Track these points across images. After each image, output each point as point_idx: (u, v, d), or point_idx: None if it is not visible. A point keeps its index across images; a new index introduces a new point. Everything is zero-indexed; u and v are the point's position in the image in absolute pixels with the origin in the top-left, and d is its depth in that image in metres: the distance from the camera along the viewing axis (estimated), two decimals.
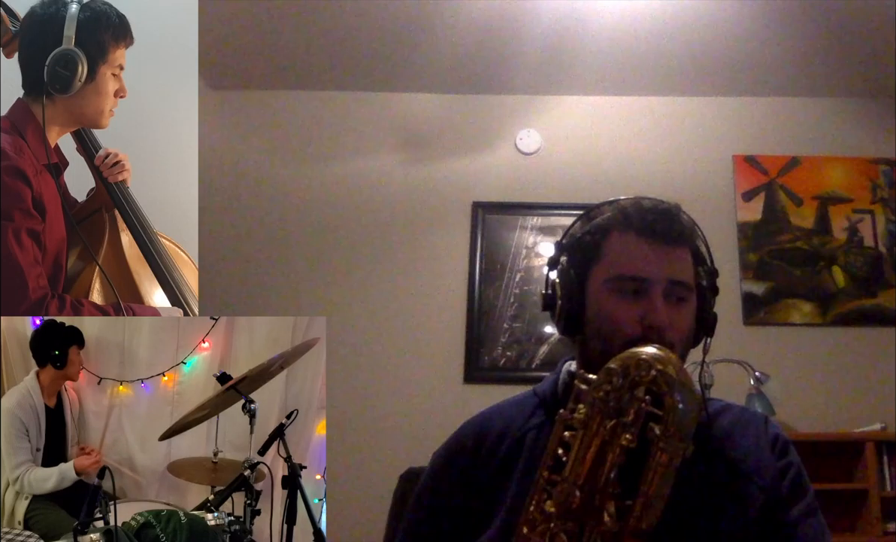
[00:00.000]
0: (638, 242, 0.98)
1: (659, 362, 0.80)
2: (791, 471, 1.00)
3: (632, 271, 0.97)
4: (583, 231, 1.04)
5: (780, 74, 3.29)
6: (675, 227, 1.00)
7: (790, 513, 0.97)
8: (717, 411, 1.06)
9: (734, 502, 0.95)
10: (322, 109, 3.57)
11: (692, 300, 1.00)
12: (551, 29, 2.99)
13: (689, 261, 1.00)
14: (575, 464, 0.81)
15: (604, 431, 0.80)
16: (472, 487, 1.02)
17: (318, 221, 3.43)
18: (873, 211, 3.29)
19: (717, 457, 0.99)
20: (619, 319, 0.95)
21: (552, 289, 1.04)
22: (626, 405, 0.80)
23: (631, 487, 0.80)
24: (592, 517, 0.80)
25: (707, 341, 1.02)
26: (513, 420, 1.07)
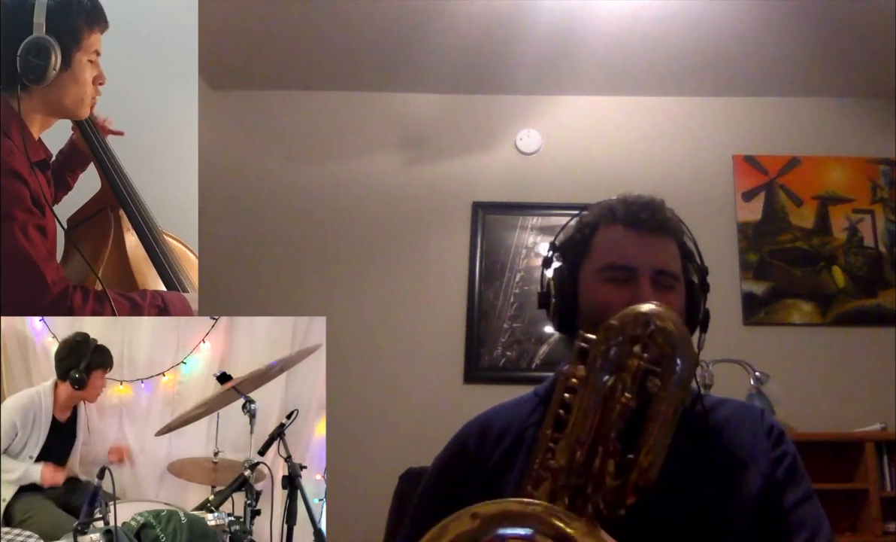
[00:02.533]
0: (625, 233, 1.04)
1: (657, 318, 0.82)
2: (787, 459, 1.03)
3: (619, 259, 1.02)
4: (574, 229, 1.11)
5: (780, 74, 3.29)
6: (659, 217, 1.05)
7: (786, 499, 0.99)
8: (713, 404, 1.08)
9: (733, 487, 0.97)
10: (322, 109, 3.57)
11: (680, 289, 1.04)
12: (551, 29, 2.99)
13: (674, 251, 1.05)
14: (576, 421, 0.82)
15: (604, 388, 0.81)
16: (474, 485, 1.03)
17: (318, 220, 3.43)
18: (873, 211, 3.30)
19: (715, 446, 1.01)
20: (609, 305, 0.97)
21: (547, 287, 1.09)
22: (625, 360, 0.82)
23: (631, 447, 0.81)
24: (594, 476, 0.81)
25: (701, 337, 1.05)
26: (513, 419, 1.09)
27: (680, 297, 1.03)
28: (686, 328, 0.85)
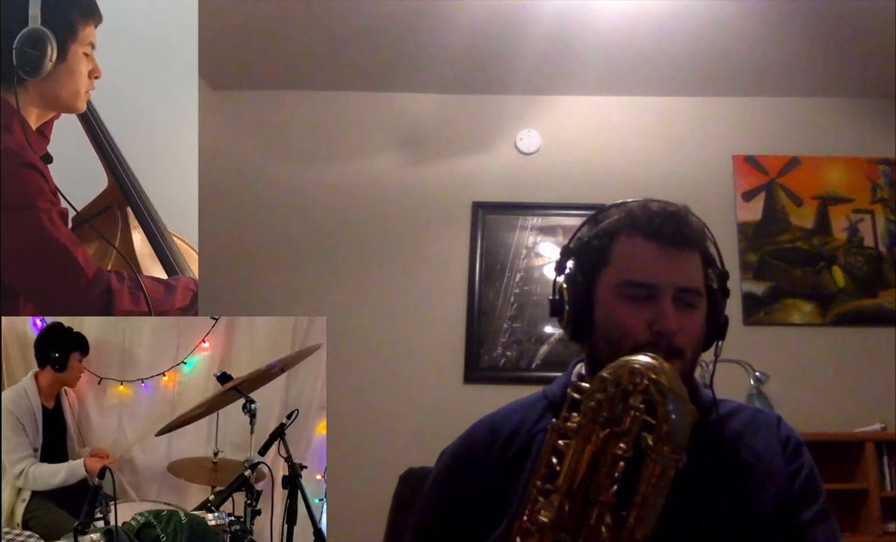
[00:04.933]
0: (646, 247, 0.97)
1: (652, 371, 0.78)
2: (803, 473, 0.99)
3: (640, 276, 0.96)
4: (590, 235, 1.02)
5: (780, 74, 3.29)
6: (685, 230, 0.98)
7: (802, 517, 0.96)
8: (728, 412, 1.04)
9: (744, 508, 0.94)
10: (322, 109, 3.57)
11: (702, 305, 0.98)
12: (551, 29, 2.99)
13: (698, 265, 0.99)
14: (568, 473, 0.80)
15: (597, 440, 0.79)
16: (481, 488, 1.02)
17: (318, 220, 3.43)
18: (873, 211, 3.29)
19: (728, 462, 0.98)
20: (628, 325, 0.94)
21: (559, 294, 1.03)
22: (619, 414, 0.79)
23: (630, 495, 0.79)
24: (587, 528, 0.78)
25: (718, 343, 1.02)
26: (523, 422, 1.06)
27: (701, 315, 0.98)
28: (682, 384, 0.80)
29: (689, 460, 0.79)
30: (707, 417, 1.01)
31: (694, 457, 0.82)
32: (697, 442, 0.80)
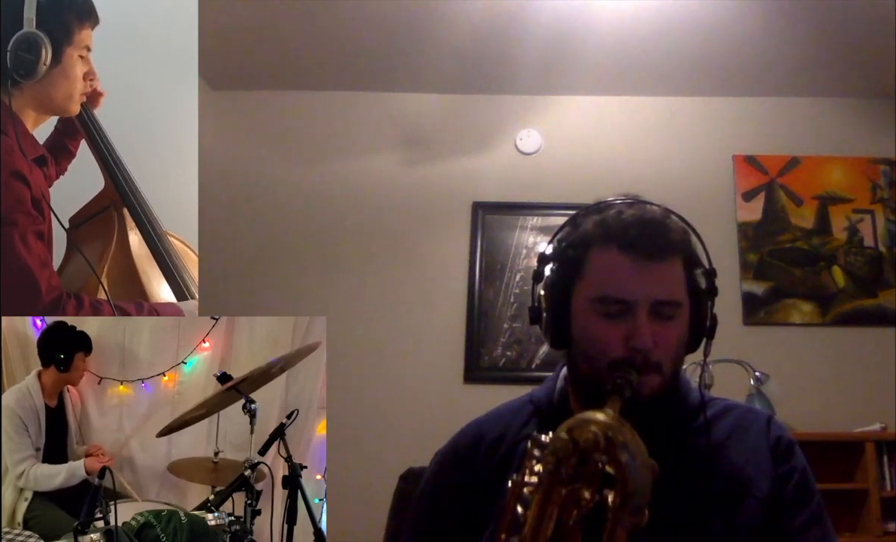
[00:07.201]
0: (620, 260, 0.94)
1: (609, 430, 0.75)
2: (794, 477, 0.97)
3: (615, 292, 0.93)
4: (565, 244, 1.00)
5: (780, 74, 3.29)
6: (659, 241, 0.94)
7: (794, 521, 0.94)
8: (717, 413, 1.02)
9: (731, 515, 0.92)
10: (322, 109, 3.57)
11: (681, 314, 0.96)
12: (551, 29, 2.99)
13: (677, 275, 0.96)
14: (531, 528, 0.76)
15: (558, 497, 0.76)
16: (469, 492, 1.02)
17: (318, 220, 3.43)
18: (873, 211, 3.29)
19: (714, 467, 0.96)
20: (604, 340, 0.93)
21: (538, 302, 1.02)
22: (578, 474, 0.76)
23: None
24: None
25: (708, 344, 0.99)
26: (508, 427, 1.05)
27: (681, 323, 0.95)
28: (640, 442, 0.75)
29: (672, 470, 0.77)
30: (693, 422, 0.99)
31: (677, 467, 0.80)
32: (681, 451, 0.78)
